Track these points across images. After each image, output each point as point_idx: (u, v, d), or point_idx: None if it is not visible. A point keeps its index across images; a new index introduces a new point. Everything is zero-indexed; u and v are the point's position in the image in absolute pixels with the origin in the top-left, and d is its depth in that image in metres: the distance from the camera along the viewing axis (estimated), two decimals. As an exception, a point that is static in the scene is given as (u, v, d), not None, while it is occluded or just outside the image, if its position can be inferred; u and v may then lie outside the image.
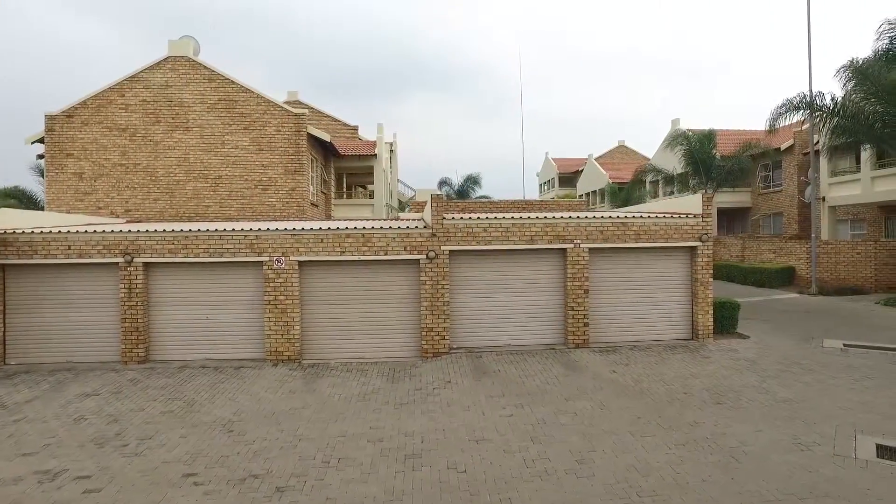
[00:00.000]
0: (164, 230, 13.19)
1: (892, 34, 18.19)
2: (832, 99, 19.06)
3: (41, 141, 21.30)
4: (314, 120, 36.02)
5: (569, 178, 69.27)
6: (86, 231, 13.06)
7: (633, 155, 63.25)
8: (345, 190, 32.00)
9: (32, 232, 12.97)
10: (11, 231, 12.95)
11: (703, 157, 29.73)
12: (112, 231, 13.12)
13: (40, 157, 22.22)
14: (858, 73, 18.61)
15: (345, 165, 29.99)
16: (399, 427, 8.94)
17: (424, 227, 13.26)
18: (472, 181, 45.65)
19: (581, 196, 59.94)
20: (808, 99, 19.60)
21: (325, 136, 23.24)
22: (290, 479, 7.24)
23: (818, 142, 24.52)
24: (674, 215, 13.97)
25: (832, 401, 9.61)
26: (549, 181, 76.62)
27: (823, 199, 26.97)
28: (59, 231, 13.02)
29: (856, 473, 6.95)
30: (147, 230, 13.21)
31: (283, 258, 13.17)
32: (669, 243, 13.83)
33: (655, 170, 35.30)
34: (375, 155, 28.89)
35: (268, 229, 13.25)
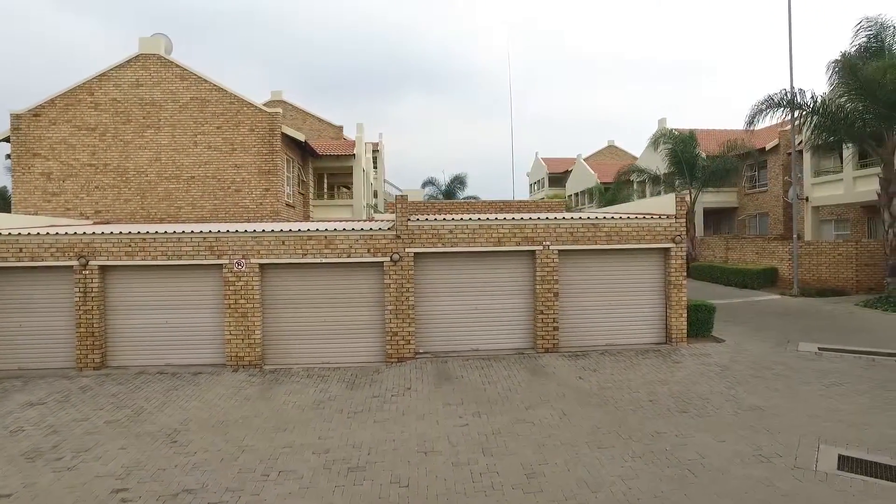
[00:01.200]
0: (121, 232, 12.78)
1: (869, 31, 17.95)
2: (812, 96, 18.79)
3: (7, 140, 20.81)
4: (299, 119, 35.74)
5: (558, 178, 69.01)
6: (38, 233, 12.63)
7: (622, 155, 63.04)
8: (325, 191, 31.58)
9: (-17, 234, 12.55)
10: (-39, 233, 12.53)
11: (686, 157, 29.46)
12: (66, 233, 12.70)
13: (8, 156, 21.73)
14: (847, 66, 18.32)
15: (325, 166, 29.60)
16: (348, 437, 8.58)
17: (389, 228, 12.89)
18: (458, 181, 45.25)
19: (570, 196, 59.76)
20: (789, 96, 19.31)
21: (300, 136, 22.84)
22: (225, 494, 6.88)
23: (801, 141, 24.29)
24: (647, 216, 13.66)
25: (800, 408, 9.30)
26: (539, 181, 76.39)
27: (807, 199, 26.73)
28: (10, 234, 12.59)
29: (813, 488, 6.63)
30: (103, 232, 12.80)
31: (242, 261, 12.79)
32: (642, 245, 13.52)
33: (639, 170, 35.02)
34: (354, 155, 28.49)
35: (227, 231, 12.87)
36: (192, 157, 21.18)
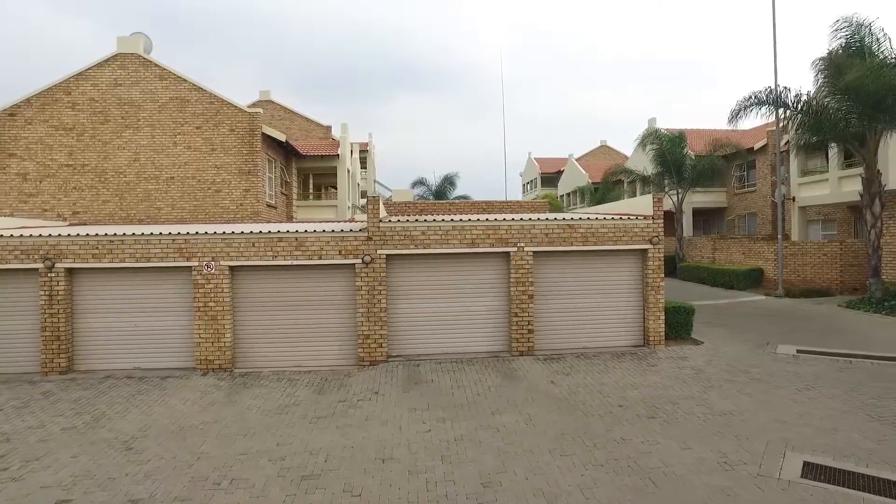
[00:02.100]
0: (88, 234, 12.56)
1: (846, 31, 17.81)
2: (796, 95, 18.64)
3: (-18, 140, 20.56)
4: (287, 119, 35.51)
5: (551, 178, 68.79)
6: (2, 235, 12.40)
7: (614, 155, 62.85)
8: (311, 191, 31.34)
9: (-54, 236, 12.31)
10: (-76, 235, 12.29)
11: (673, 158, 29.29)
12: (31, 235, 12.47)
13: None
14: (829, 66, 18.19)
15: (310, 166, 29.37)
16: (307, 443, 8.39)
17: (360, 230, 12.70)
18: (448, 181, 44.97)
19: (561, 196, 59.61)
20: (774, 94, 19.16)
21: (281, 136, 22.62)
22: (172, 505, 6.68)
23: (787, 141, 24.17)
24: (624, 217, 13.49)
25: (771, 413, 9.14)
26: (531, 181, 76.21)
27: (794, 199, 26.62)
28: (-27, 235, 12.37)
29: (774, 497, 6.46)
30: (69, 234, 12.57)
31: (212, 263, 12.58)
32: (619, 246, 13.34)
33: (626, 170, 34.86)
34: (338, 155, 28.27)
35: (196, 233, 12.65)
36: (172, 158, 20.94)
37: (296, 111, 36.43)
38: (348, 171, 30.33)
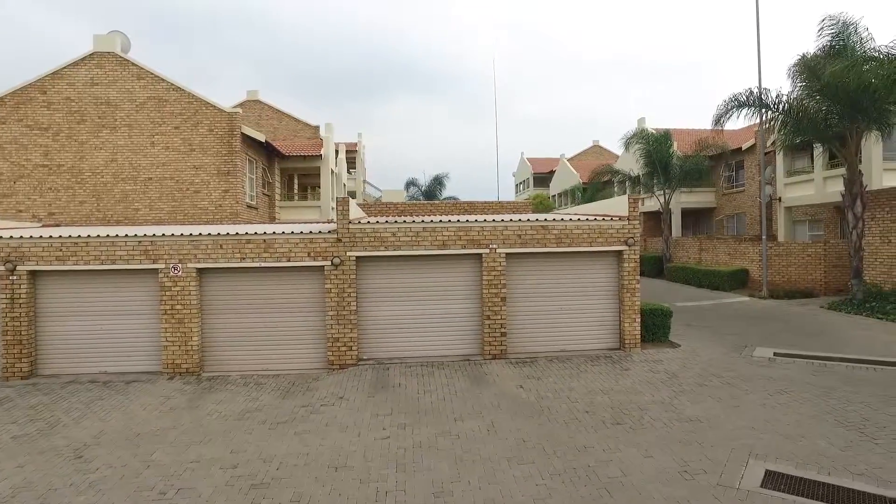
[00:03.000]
0: (51, 236, 12.31)
1: (833, 29, 17.64)
2: (777, 96, 18.48)
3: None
4: (274, 119, 35.27)
5: (543, 178, 68.68)
6: (-39, 237, 12.16)
7: (607, 155, 62.68)
8: (296, 192, 31.08)
9: None
10: None
11: (660, 157, 29.12)
12: (-8, 237, 12.23)
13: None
14: (807, 68, 18.06)
15: (294, 167, 29.11)
16: (262, 450, 8.17)
17: (329, 231, 12.47)
18: (437, 182, 44.71)
19: (553, 196, 59.47)
20: (755, 95, 18.99)
21: (260, 136, 22.36)
22: (112, 517, 6.46)
23: (773, 141, 24.02)
24: (599, 218, 13.29)
25: (739, 419, 8.95)
26: (524, 181, 76.06)
27: (780, 199, 26.47)
28: (-68, 237, 12.11)
29: (730, 508, 6.27)
30: (32, 236, 12.32)
31: (179, 265, 12.34)
32: (594, 248, 13.13)
33: (613, 171, 34.70)
34: (321, 155, 28.02)
35: (163, 235, 12.41)
36: (150, 158, 20.69)
37: (284, 111, 36.18)
38: (332, 172, 30.08)
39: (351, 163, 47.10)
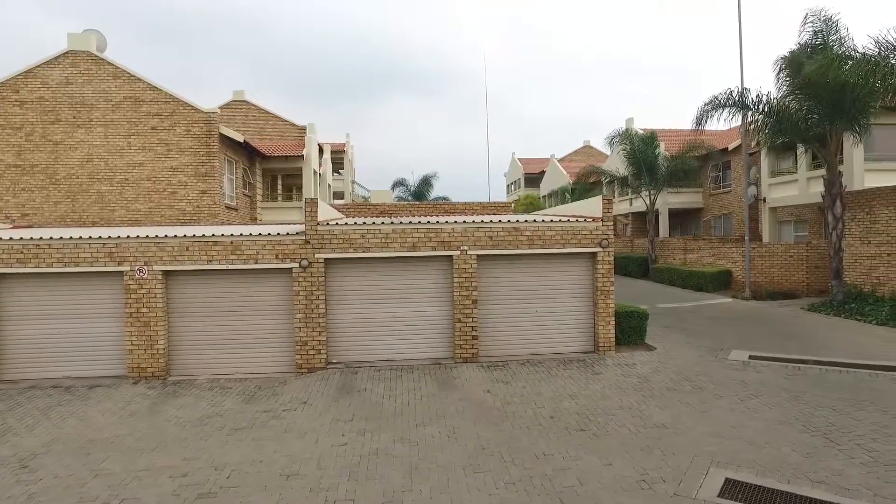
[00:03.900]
0: (12, 238, 12.06)
1: (814, 26, 17.51)
2: (757, 96, 18.34)
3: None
4: (261, 120, 34.98)
5: (534, 178, 68.58)
6: (-81, 239, 11.89)
7: (598, 155, 62.54)
8: (280, 192, 30.80)
9: None
10: None
11: (645, 158, 29.00)
12: (-48, 239, 11.96)
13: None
14: (789, 62, 17.93)
15: (277, 167, 28.85)
16: (215, 458, 7.96)
17: (297, 233, 12.26)
18: (425, 182, 44.42)
19: (543, 197, 59.36)
20: (734, 96, 18.85)
21: (239, 137, 22.12)
22: (48, 531, 6.23)
23: (757, 142, 23.91)
24: (572, 219, 13.12)
25: (706, 425, 8.78)
26: (515, 182, 75.97)
27: (764, 199, 26.38)
28: None
29: (683, 519, 6.09)
30: (-7, 238, 12.08)
31: (144, 268, 12.11)
32: (567, 249, 12.96)
33: (599, 171, 34.56)
34: (303, 156, 27.77)
35: (128, 237, 12.18)
36: (126, 159, 20.42)
37: (270, 111, 35.91)
38: (315, 172, 29.83)
39: (339, 163, 46.83)
